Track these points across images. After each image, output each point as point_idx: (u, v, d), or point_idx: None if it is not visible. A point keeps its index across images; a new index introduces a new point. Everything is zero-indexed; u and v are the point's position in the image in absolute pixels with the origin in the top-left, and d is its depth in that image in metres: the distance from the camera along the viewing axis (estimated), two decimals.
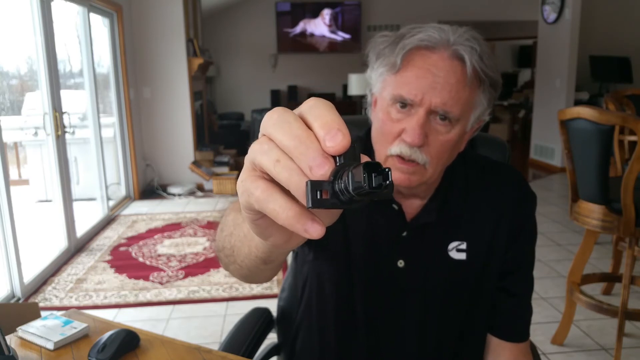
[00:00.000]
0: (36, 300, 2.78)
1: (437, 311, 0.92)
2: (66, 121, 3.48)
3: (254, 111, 7.13)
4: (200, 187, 5.30)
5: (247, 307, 1.49)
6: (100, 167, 4.27)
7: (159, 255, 3.44)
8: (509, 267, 0.94)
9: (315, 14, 8.38)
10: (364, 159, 0.33)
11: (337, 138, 0.32)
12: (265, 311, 1.19)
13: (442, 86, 0.77)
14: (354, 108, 7.87)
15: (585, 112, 1.87)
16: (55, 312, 1.02)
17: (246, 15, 8.28)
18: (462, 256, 0.90)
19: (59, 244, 3.44)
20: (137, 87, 5.04)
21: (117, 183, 4.85)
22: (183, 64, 5.09)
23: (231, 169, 5.49)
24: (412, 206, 0.91)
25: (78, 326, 0.94)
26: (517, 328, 0.96)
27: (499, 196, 0.92)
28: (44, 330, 0.93)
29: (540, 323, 2.47)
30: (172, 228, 4.04)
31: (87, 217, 4.02)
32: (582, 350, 2.26)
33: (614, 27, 6.59)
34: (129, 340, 0.89)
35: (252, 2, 8.23)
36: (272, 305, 1.19)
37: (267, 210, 0.34)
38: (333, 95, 8.28)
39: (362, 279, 0.91)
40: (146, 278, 3.07)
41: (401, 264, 0.90)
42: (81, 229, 3.73)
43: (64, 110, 3.48)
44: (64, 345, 0.91)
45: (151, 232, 3.94)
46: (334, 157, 0.32)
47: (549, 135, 6.06)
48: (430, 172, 0.82)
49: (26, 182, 4.79)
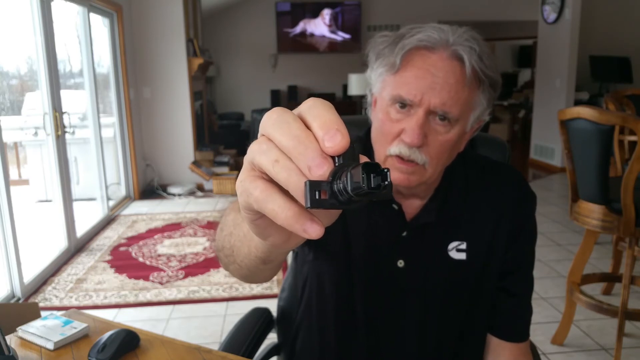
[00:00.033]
0: (36, 300, 2.78)
1: (437, 311, 0.92)
2: (66, 121, 3.48)
3: (254, 111, 7.13)
4: (200, 187, 5.30)
5: (247, 307, 1.49)
6: (100, 167, 4.27)
7: (159, 255, 3.44)
8: (509, 267, 0.94)
9: (315, 14, 8.38)
10: (362, 160, 0.33)
11: (336, 138, 0.32)
12: (265, 311, 1.19)
13: (441, 86, 0.77)
14: (354, 108, 7.87)
15: (585, 112, 1.87)
16: (55, 312, 1.02)
17: (246, 15, 8.28)
18: (462, 256, 0.90)
19: (59, 244, 3.44)
20: (137, 87, 5.04)
21: (117, 183, 4.85)
22: (183, 64, 5.09)
23: (231, 169, 5.50)
24: (412, 206, 0.91)
25: (78, 326, 0.94)
26: (517, 328, 0.96)
27: (499, 196, 0.92)
28: (44, 330, 0.93)
29: (540, 323, 2.47)
30: (172, 228, 4.05)
31: (87, 217, 4.02)
32: (582, 350, 2.26)
33: (614, 27, 6.59)
34: (129, 340, 0.89)
35: (252, 2, 8.23)
36: (272, 305, 1.19)
37: (266, 210, 0.34)
38: (333, 95, 8.28)
39: (362, 279, 0.91)
40: (146, 278, 3.07)
41: (401, 264, 0.90)
42: (81, 229, 3.73)
43: (64, 110, 3.48)
44: (64, 345, 0.91)
45: (151, 232, 3.94)
46: (333, 157, 0.32)
47: (549, 135, 6.06)
48: (430, 172, 0.82)
49: (26, 182, 4.79)
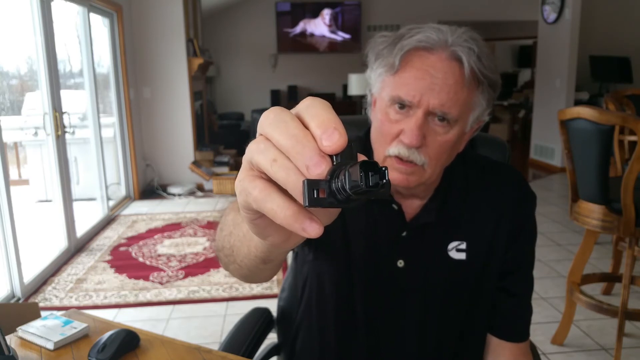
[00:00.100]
0: (36, 300, 2.78)
1: (437, 311, 0.92)
2: (66, 121, 3.48)
3: (254, 111, 7.13)
4: (200, 187, 5.30)
5: (247, 307, 1.49)
6: (100, 167, 4.27)
7: (159, 255, 3.44)
8: (509, 267, 0.94)
9: (315, 14, 8.38)
10: (361, 158, 0.33)
11: (333, 137, 0.32)
12: (265, 311, 1.19)
13: (440, 87, 0.77)
14: (354, 108, 7.87)
15: (585, 112, 1.87)
16: (55, 312, 1.02)
17: (246, 15, 8.28)
18: (462, 256, 0.90)
19: (59, 244, 3.44)
20: (137, 87, 5.05)
21: (117, 183, 4.85)
22: (183, 64, 5.09)
23: (231, 169, 5.50)
24: (412, 206, 0.91)
25: (78, 326, 0.94)
26: (517, 328, 0.96)
27: (499, 196, 0.92)
28: (44, 330, 0.93)
29: (540, 323, 2.47)
30: (172, 228, 4.05)
31: (87, 217, 4.02)
32: (582, 350, 2.26)
33: (614, 27, 6.59)
34: (129, 340, 0.89)
35: (252, 2, 8.24)
36: (272, 305, 1.19)
37: (265, 209, 0.34)
38: (333, 95, 8.27)
39: (362, 279, 0.91)
40: (146, 278, 3.07)
41: (401, 264, 0.90)
42: (81, 229, 3.73)
43: (64, 110, 3.48)
44: (64, 345, 0.91)
45: (151, 232, 3.94)
46: (331, 156, 0.32)
47: (549, 135, 6.06)
48: (429, 172, 0.82)
49: (26, 182, 4.79)
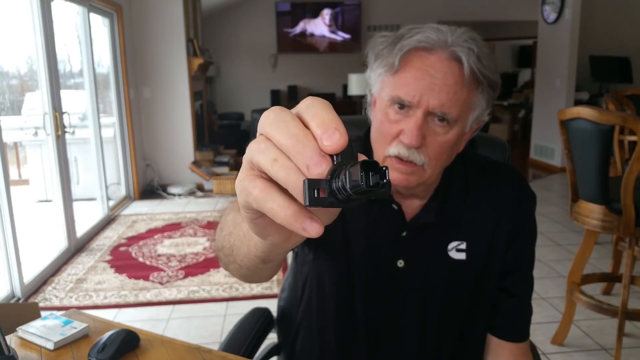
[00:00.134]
0: (36, 300, 2.78)
1: (437, 311, 0.92)
2: (66, 121, 3.48)
3: (254, 111, 7.13)
4: (200, 187, 5.30)
5: (247, 307, 1.49)
6: (100, 167, 4.27)
7: (159, 255, 3.44)
8: (509, 267, 0.94)
9: (315, 14, 8.38)
10: (361, 158, 0.33)
11: (334, 137, 0.32)
12: (265, 311, 1.19)
13: (440, 87, 0.77)
14: (354, 108, 7.87)
15: (585, 112, 1.87)
16: (55, 312, 1.02)
17: (246, 15, 8.28)
18: (462, 256, 0.90)
19: (59, 244, 3.44)
20: (137, 87, 5.04)
21: (117, 183, 4.85)
22: (183, 64, 5.09)
23: (231, 169, 5.50)
24: (412, 206, 0.91)
25: (78, 326, 0.94)
26: (517, 328, 0.96)
27: (499, 196, 0.92)
28: (44, 330, 0.93)
29: (540, 323, 2.47)
30: (172, 228, 4.05)
31: (87, 217, 4.02)
32: (582, 350, 2.26)
33: (614, 27, 6.59)
34: (129, 340, 0.89)
35: (252, 2, 8.24)
36: (272, 305, 1.19)
37: (266, 209, 0.34)
38: (333, 95, 8.27)
39: (362, 279, 0.91)
40: (146, 278, 3.07)
41: (401, 264, 0.90)
42: (81, 229, 3.73)
43: (64, 110, 3.48)
44: (64, 345, 0.91)
45: (151, 232, 3.94)
46: (332, 156, 0.32)
47: (549, 135, 6.06)
48: (429, 172, 0.82)
49: (26, 182, 4.79)
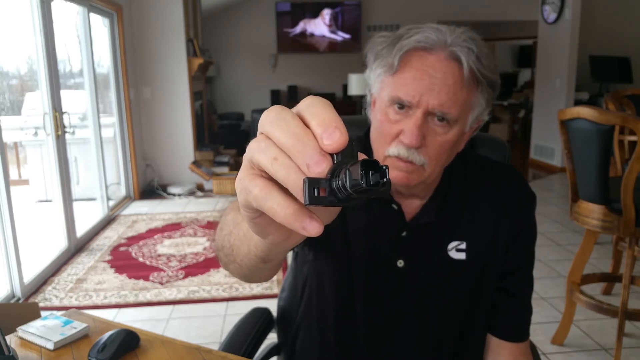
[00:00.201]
0: (36, 300, 2.78)
1: (437, 311, 0.92)
2: (66, 121, 3.48)
3: (254, 111, 7.14)
4: (200, 187, 5.30)
5: (247, 307, 1.49)
6: (100, 167, 4.27)
7: (159, 255, 3.44)
8: (509, 267, 0.94)
9: (315, 14, 8.38)
10: (361, 157, 0.33)
11: (334, 136, 0.32)
12: (265, 311, 1.19)
13: (439, 87, 0.77)
14: (354, 108, 7.87)
15: (585, 112, 1.87)
16: (55, 312, 1.02)
17: (246, 15, 8.28)
18: (462, 256, 0.90)
19: (59, 244, 3.44)
20: (137, 87, 5.04)
21: (117, 183, 4.85)
22: (183, 64, 5.09)
23: (231, 169, 5.50)
24: (412, 206, 0.91)
25: (78, 326, 0.94)
26: (517, 328, 0.96)
27: (498, 196, 0.92)
28: (44, 330, 0.93)
29: (540, 323, 2.47)
30: (172, 228, 4.04)
31: (87, 217, 4.02)
32: (582, 350, 2.26)
33: (614, 27, 6.59)
34: (129, 340, 0.89)
35: (252, 2, 8.24)
36: (272, 305, 1.19)
37: (265, 208, 0.34)
38: (333, 95, 8.28)
39: (362, 279, 0.91)
40: (146, 278, 3.07)
41: (401, 264, 0.90)
42: (81, 229, 3.73)
43: (64, 110, 3.48)
44: (64, 345, 0.91)
45: (151, 232, 3.94)
46: (332, 155, 0.32)
47: (549, 135, 6.06)
48: (429, 172, 0.82)
49: (26, 182, 4.78)
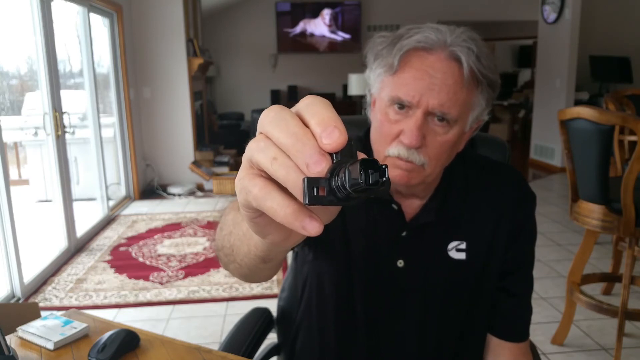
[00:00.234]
0: (36, 300, 2.78)
1: (437, 311, 0.92)
2: (66, 121, 3.48)
3: (254, 111, 7.14)
4: (200, 187, 5.30)
5: (247, 307, 1.49)
6: (100, 167, 4.27)
7: (159, 255, 3.44)
8: (509, 267, 0.94)
9: (315, 14, 8.38)
10: (360, 157, 0.33)
11: (333, 135, 0.32)
12: (265, 311, 1.19)
13: (439, 87, 0.77)
14: (354, 108, 7.87)
15: (585, 112, 1.87)
16: (55, 312, 1.02)
17: (246, 15, 8.28)
18: (462, 256, 0.90)
19: (59, 244, 3.44)
20: (137, 87, 5.04)
21: (117, 183, 4.85)
22: (183, 64, 5.09)
23: (231, 169, 5.50)
24: (412, 206, 0.91)
25: (78, 326, 0.94)
26: (517, 328, 0.96)
27: (498, 196, 0.92)
28: (44, 330, 0.93)
29: (540, 323, 2.47)
30: (172, 228, 4.04)
31: (87, 217, 4.02)
32: (582, 350, 2.26)
33: (614, 27, 6.59)
34: (129, 340, 0.89)
35: (252, 2, 8.24)
36: (272, 305, 1.19)
37: (265, 207, 0.34)
38: (333, 95, 8.27)
39: (362, 279, 0.91)
40: (146, 278, 3.07)
41: (401, 263, 0.90)
42: (81, 229, 3.73)
43: (64, 110, 3.48)
44: (64, 345, 0.91)
45: (151, 232, 3.94)
46: (331, 154, 0.32)
47: (549, 135, 6.06)
48: (429, 172, 0.82)
49: (26, 182, 4.78)
